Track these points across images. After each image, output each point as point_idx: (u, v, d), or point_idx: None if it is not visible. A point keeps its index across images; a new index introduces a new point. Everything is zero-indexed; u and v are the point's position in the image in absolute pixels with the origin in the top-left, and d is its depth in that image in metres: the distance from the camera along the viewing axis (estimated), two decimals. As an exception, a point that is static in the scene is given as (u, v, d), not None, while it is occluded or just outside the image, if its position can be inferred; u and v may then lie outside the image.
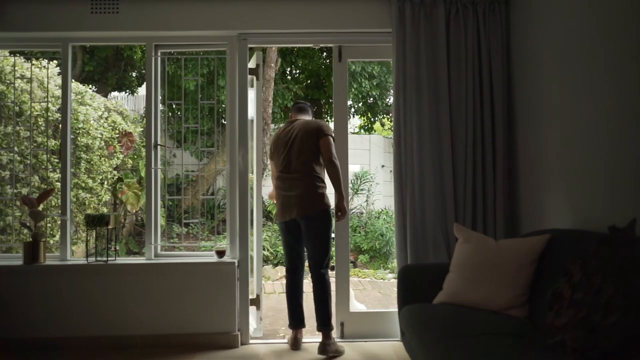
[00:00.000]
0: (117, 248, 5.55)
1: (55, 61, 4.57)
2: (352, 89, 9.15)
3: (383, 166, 8.91)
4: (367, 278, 5.87)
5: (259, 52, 3.46)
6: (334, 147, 3.01)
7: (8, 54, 4.02)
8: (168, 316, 3.12)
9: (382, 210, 7.80)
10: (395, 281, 5.54)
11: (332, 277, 3.19)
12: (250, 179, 3.39)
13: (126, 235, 6.46)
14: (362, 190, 7.97)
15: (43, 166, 4.29)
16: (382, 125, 10.73)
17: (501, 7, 3.11)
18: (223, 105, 3.46)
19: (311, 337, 3.26)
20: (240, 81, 3.29)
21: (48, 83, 4.20)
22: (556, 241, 2.18)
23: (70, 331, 3.08)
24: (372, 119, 10.38)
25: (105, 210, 5.66)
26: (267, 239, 6.54)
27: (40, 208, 3.27)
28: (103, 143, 5.41)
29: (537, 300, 2.13)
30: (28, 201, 3.21)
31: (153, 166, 3.33)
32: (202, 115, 7.67)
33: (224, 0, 3.22)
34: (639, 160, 1.93)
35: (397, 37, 3.11)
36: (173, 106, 7.94)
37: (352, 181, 7.84)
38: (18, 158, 4.08)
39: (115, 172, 5.73)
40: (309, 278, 3.17)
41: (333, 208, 3.06)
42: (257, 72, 3.43)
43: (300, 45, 3.93)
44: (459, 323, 2.07)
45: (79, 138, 4.99)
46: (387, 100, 10.23)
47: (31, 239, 3.15)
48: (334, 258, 3.33)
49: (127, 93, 9.55)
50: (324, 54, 9.41)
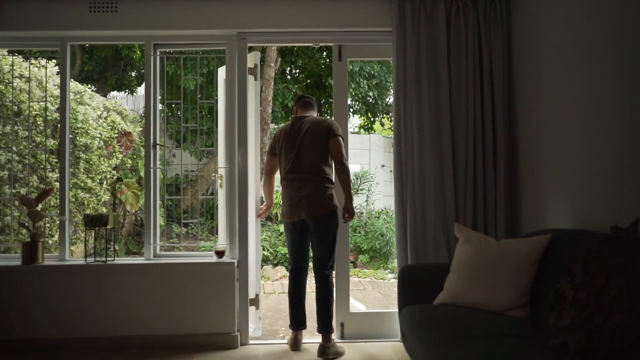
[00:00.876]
0: (117, 248, 5.53)
1: (54, 60, 4.55)
2: (351, 89, 9.14)
3: (383, 166, 8.90)
4: (367, 278, 5.86)
5: (256, 52, 3.44)
6: (344, 148, 2.99)
7: (6, 53, 4.00)
8: (167, 316, 3.11)
9: (382, 210, 7.79)
10: (395, 281, 5.53)
11: (333, 278, 3.17)
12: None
13: (125, 235, 6.45)
14: (362, 190, 7.96)
15: (42, 166, 4.28)
16: (382, 125, 10.71)
17: (502, 6, 3.10)
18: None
19: (311, 338, 3.24)
20: (239, 80, 3.28)
21: (47, 82, 4.18)
22: (557, 241, 2.17)
23: (69, 332, 3.07)
24: (372, 119, 10.37)
25: (104, 210, 5.65)
26: (267, 239, 6.53)
27: (38, 208, 3.26)
28: (102, 143, 5.40)
29: (539, 301, 2.11)
30: (26, 201, 3.19)
31: (152, 166, 3.31)
32: (202, 115, 7.66)
33: (223, -1, 3.21)
34: (642, 159, 1.92)
35: (398, 36, 3.09)
36: (172, 106, 7.92)
37: (353, 181, 7.82)
38: (17, 158, 4.06)
39: (114, 172, 5.72)
40: (310, 278, 3.15)
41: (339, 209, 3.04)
42: (255, 72, 3.41)
43: (300, 44, 3.92)
44: (460, 324, 2.06)
45: (78, 138, 4.98)
46: (387, 100, 10.21)
47: (29, 239, 3.13)
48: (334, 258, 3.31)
49: (127, 93, 9.54)
50: (324, 54, 9.40)
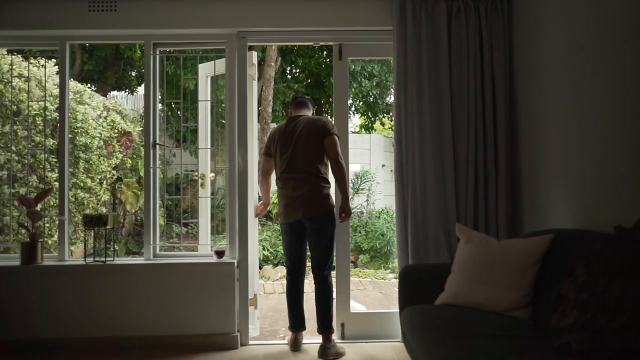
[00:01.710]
0: (116, 248, 5.52)
1: (53, 60, 4.54)
2: (352, 89, 9.12)
3: (384, 165, 8.88)
4: (368, 278, 5.84)
5: (254, 52, 3.42)
6: (339, 147, 2.97)
7: (5, 53, 3.99)
8: (167, 317, 3.09)
9: (383, 209, 7.77)
10: (395, 281, 5.52)
11: (333, 278, 3.15)
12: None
13: (125, 235, 6.43)
14: (363, 189, 7.95)
15: (41, 166, 4.26)
16: (383, 124, 10.70)
17: (503, 5, 3.08)
18: (222, 104, 3.45)
19: (311, 338, 3.23)
20: (239, 80, 3.26)
21: (46, 82, 4.17)
22: (560, 241, 2.15)
23: (68, 332, 3.05)
24: (373, 118, 10.36)
25: (104, 210, 5.63)
26: (267, 239, 6.51)
27: (38, 208, 3.24)
28: (102, 142, 5.38)
29: (541, 301, 2.10)
30: (25, 201, 3.18)
31: (152, 166, 3.30)
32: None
33: (223, -2, 3.19)
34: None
35: (398, 35, 3.07)
36: (172, 105, 7.91)
37: (353, 181, 7.82)
38: (16, 157, 4.05)
39: (114, 172, 5.70)
40: (309, 279, 3.14)
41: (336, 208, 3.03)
42: (254, 72, 3.40)
43: (300, 43, 3.89)
44: (461, 324, 2.04)
45: (78, 137, 4.96)
46: (388, 99, 10.20)
47: (29, 240, 3.12)
48: (335, 258, 3.29)
49: (127, 92, 9.53)
50: (324, 53, 9.39)
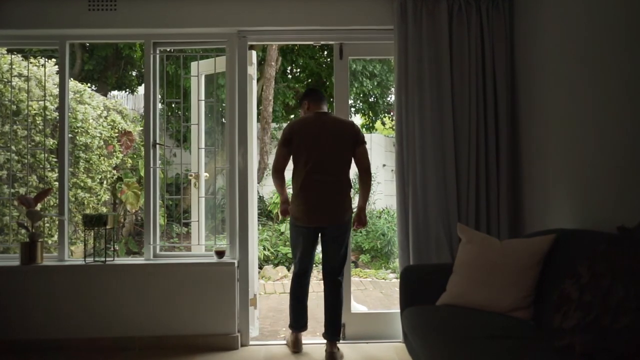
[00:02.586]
0: (117, 248, 5.51)
1: (53, 60, 4.53)
2: (354, 88, 9.10)
3: (384, 165, 8.86)
4: (369, 278, 5.83)
5: (254, 51, 3.41)
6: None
7: (5, 52, 3.98)
8: (167, 317, 3.08)
9: (384, 209, 7.76)
10: (396, 281, 5.50)
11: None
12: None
13: (126, 235, 6.42)
14: (363, 189, 7.91)
15: (41, 165, 4.25)
16: (383, 124, 10.68)
17: (504, 3, 3.07)
18: (223, 104, 3.44)
19: (311, 339, 3.22)
20: (240, 79, 3.25)
21: (45, 81, 4.15)
22: (562, 241, 2.14)
23: (68, 332, 3.04)
24: (374, 118, 10.34)
25: (104, 210, 5.62)
26: (268, 239, 6.50)
27: (37, 208, 3.23)
28: (102, 142, 5.37)
29: (543, 302, 2.08)
30: (25, 201, 3.17)
31: (152, 165, 3.29)
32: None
33: (223, -3, 3.18)
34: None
35: (399, 35, 3.06)
36: (172, 105, 7.90)
37: (354, 180, 7.80)
38: (16, 157, 4.04)
39: (114, 172, 5.69)
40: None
41: None
42: (253, 71, 3.39)
43: (300, 42, 3.88)
44: (463, 325, 2.03)
45: (78, 137, 4.95)
46: (388, 99, 10.18)
47: (28, 240, 3.11)
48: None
49: (127, 92, 9.52)
50: (325, 53, 9.38)
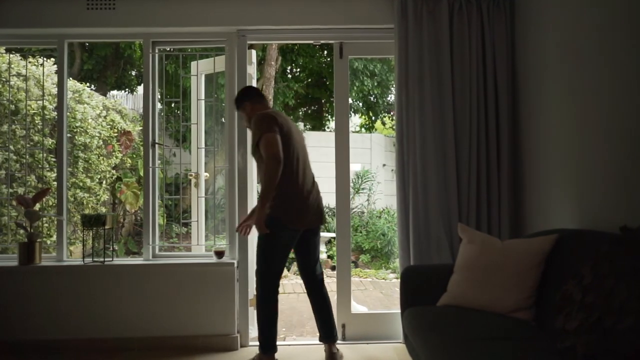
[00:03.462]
0: (116, 248, 5.49)
1: (52, 59, 4.51)
2: (354, 87, 9.09)
3: (384, 165, 8.85)
4: (369, 278, 5.82)
5: (253, 50, 3.40)
6: None
7: (4, 52, 3.96)
8: (166, 318, 3.06)
9: (384, 209, 7.75)
10: (396, 281, 5.49)
11: (334, 277, 3.13)
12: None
13: (125, 235, 6.41)
14: (364, 189, 7.92)
15: (40, 165, 4.24)
16: (384, 124, 10.67)
17: (506, 2, 3.05)
18: (223, 103, 3.42)
19: (311, 339, 3.21)
20: (239, 79, 3.23)
21: (44, 81, 4.14)
22: (564, 242, 2.12)
23: (66, 333, 3.03)
24: (374, 118, 10.33)
25: (103, 210, 5.61)
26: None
27: (36, 208, 3.22)
28: (101, 142, 5.35)
29: (545, 302, 2.07)
30: (23, 201, 3.15)
31: (151, 165, 3.27)
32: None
33: (223, -5, 3.16)
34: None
35: (400, 34, 3.04)
36: (172, 104, 7.88)
37: (354, 180, 7.80)
38: (14, 157, 4.02)
39: (113, 172, 5.68)
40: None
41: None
42: (253, 71, 3.38)
43: (300, 41, 3.86)
44: (464, 326, 2.01)
45: (77, 137, 4.94)
46: (389, 98, 10.17)
47: (27, 240, 3.10)
48: (335, 258, 3.27)
49: (127, 92, 9.51)
50: (325, 52, 9.36)
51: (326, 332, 2.82)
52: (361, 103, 9.92)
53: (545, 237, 2.18)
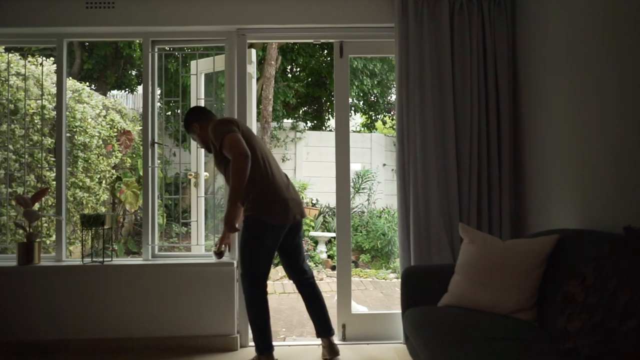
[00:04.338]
0: (115, 248, 5.48)
1: (52, 58, 4.50)
2: (354, 87, 9.07)
3: (384, 165, 8.84)
4: (369, 278, 5.80)
5: (253, 50, 3.38)
6: None
7: (3, 51, 3.94)
8: (165, 318, 3.05)
9: (384, 209, 7.74)
10: (397, 281, 5.48)
11: (334, 277, 3.11)
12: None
13: (125, 235, 6.40)
14: (364, 189, 7.91)
15: (39, 165, 4.22)
16: (384, 123, 10.66)
17: (507, 1, 3.03)
18: (223, 103, 3.42)
19: (311, 340, 3.19)
20: (239, 78, 3.22)
21: (44, 80, 4.12)
22: (566, 242, 2.11)
23: (65, 333, 3.01)
24: (374, 117, 10.33)
25: (103, 209, 5.60)
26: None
27: (35, 208, 3.20)
28: (101, 142, 5.34)
29: (547, 303, 2.06)
30: (22, 201, 3.14)
31: (150, 165, 3.25)
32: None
33: (222, -6, 3.15)
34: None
35: (400, 33, 3.03)
36: (172, 104, 7.87)
37: (354, 180, 7.79)
38: (13, 157, 4.01)
39: (113, 171, 5.66)
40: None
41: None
42: (252, 70, 3.36)
43: (300, 40, 3.85)
44: (465, 327, 2.00)
45: (76, 136, 4.92)
46: (389, 98, 10.16)
47: (25, 240, 3.08)
48: (335, 258, 3.26)
49: (127, 91, 9.50)
50: (325, 52, 9.35)
51: (324, 327, 2.81)
52: (361, 102, 9.92)
53: (546, 237, 2.17)
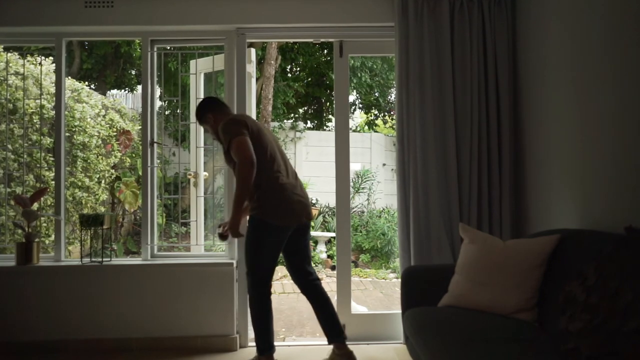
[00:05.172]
0: (115, 248, 5.47)
1: (51, 58, 4.49)
2: (352, 84, 9.06)
3: (384, 164, 8.83)
4: (369, 278, 5.80)
5: (252, 49, 3.37)
6: None
7: (2, 50, 3.93)
8: (164, 318, 3.04)
9: (384, 209, 7.73)
10: (397, 281, 5.47)
11: (334, 277, 3.10)
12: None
13: (125, 234, 6.39)
14: (364, 188, 7.90)
15: (38, 165, 4.21)
16: (385, 122, 10.66)
17: (507, 0, 3.02)
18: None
19: (311, 340, 3.18)
20: (238, 77, 3.21)
21: (42, 80, 4.11)
22: (566, 242, 2.10)
23: (64, 334, 3.00)
24: (375, 116, 10.33)
25: (102, 209, 5.59)
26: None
27: (34, 207, 3.19)
28: (100, 141, 5.33)
29: (547, 303, 2.05)
30: (21, 200, 3.13)
31: (149, 164, 3.24)
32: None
33: (222, -7, 3.14)
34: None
35: (400, 32, 3.02)
36: (172, 103, 7.85)
37: (354, 180, 7.78)
38: (12, 156, 3.99)
39: (112, 171, 5.65)
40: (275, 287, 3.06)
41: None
42: (252, 69, 3.35)
43: (300, 40, 3.84)
44: (466, 327, 1.99)
45: (76, 136, 4.91)
46: (389, 97, 10.16)
47: (24, 240, 3.07)
48: (335, 258, 3.25)
49: (126, 91, 9.49)
50: (325, 51, 9.34)
51: (336, 330, 2.69)
52: (360, 100, 9.91)
53: (547, 237, 2.16)
